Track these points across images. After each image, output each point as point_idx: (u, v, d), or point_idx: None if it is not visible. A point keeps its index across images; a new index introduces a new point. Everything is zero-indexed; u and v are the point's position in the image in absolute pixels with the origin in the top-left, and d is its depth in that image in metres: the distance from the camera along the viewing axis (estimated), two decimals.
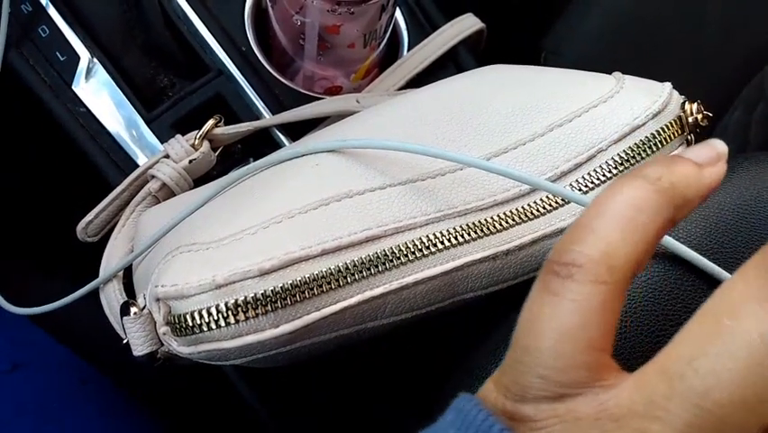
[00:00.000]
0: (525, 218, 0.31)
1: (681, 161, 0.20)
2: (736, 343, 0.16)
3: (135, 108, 0.42)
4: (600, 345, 0.18)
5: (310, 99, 0.42)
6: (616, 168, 0.33)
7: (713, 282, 0.31)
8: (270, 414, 0.42)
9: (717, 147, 0.21)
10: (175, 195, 0.38)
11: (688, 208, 0.20)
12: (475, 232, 0.31)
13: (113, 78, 0.42)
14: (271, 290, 0.27)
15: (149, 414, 0.46)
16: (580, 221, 0.19)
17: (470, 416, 0.18)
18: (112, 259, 0.37)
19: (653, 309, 0.31)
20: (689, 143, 0.35)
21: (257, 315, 0.27)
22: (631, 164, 0.33)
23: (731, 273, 0.19)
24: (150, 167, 0.38)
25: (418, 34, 0.46)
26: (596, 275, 0.18)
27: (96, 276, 0.36)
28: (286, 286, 0.27)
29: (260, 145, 0.42)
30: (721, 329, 0.16)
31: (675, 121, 0.34)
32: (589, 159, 0.33)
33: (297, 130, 0.41)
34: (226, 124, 0.40)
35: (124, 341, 0.30)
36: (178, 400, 0.47)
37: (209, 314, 0.27)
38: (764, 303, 0.16)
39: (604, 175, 0.33)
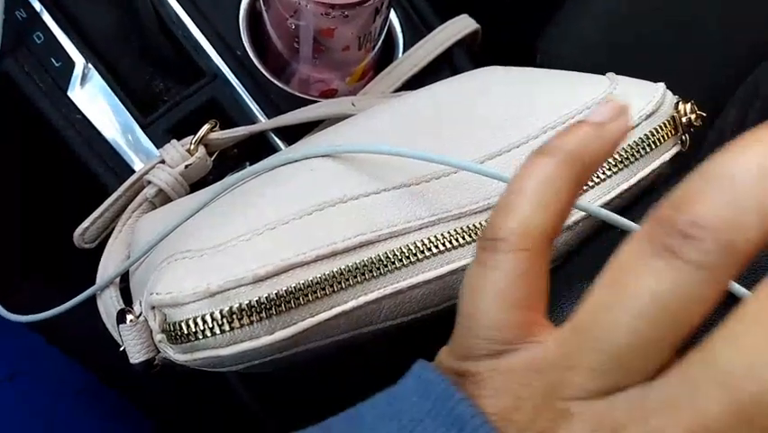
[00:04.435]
0: None
1: (575, 127, 0.22)
2: (629, 297, 0.18)
3: (131, 114, 0.42)
4: (529, 305, 0.21)
5: (306, 102, 0.42)
6: (610, 169, 0.33)
7: None
8: (270, 417, 0.42)
9: (617, 102, 0.23)
10: (171, 200, 0.38)
11: (595, 165, 0.22)
12: (470, 235, 0.31)
13: (108, 84, 0.42)
14: (266, 297, 0.27)
15: (147, 422, 0.46)
16: (501, 202, 0.22)
17: (433, 384, 0.20)
18: (109, 265, 0.37)
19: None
20: (683, 144, 0.35)
21: (252, 322, 0.27)
22: (625, 165, 0.33)
23: None
24: (146, 173, 0.38)
25: (413, 36, 0.46)
26: (515, 245, 0.21)
27: (94, 283, 0.36)
28: (280, 292, 0.27)
29: (256, 149, 0.42)
30: (618, 285, 0.18)
31: (669, 121, 0.34)
32: None
33: (293, 133, 0.41)
34: (222, 128, 0.40)
35: (121, 348, 0.30)
36: (177, 406, 0.48)
37: (204, 322, 0.27)
38: (650, 259, 0.18)
39: (599, 177, 0.32)
